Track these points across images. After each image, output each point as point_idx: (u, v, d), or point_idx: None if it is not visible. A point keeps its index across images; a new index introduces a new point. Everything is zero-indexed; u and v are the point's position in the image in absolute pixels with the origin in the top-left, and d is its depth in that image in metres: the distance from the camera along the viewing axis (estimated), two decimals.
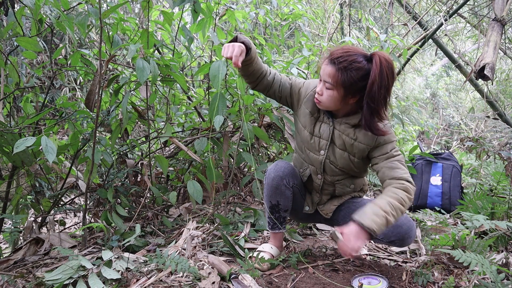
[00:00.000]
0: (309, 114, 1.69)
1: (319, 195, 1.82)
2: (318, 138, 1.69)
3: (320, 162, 1.71)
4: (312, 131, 1.70)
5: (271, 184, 1.75)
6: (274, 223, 1.82)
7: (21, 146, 1.62)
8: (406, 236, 1.61)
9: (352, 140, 1.63)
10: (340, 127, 1.65)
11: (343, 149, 1.66)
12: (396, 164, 1.57)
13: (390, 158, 1.59)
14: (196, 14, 2.29)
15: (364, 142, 1.61)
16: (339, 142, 1.65)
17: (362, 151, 1.63)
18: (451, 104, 9.64)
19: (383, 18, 5.34)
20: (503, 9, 2.63)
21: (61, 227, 2.59)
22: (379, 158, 1.61)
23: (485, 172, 4.23)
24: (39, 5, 1.99)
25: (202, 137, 2.38)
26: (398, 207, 1.46)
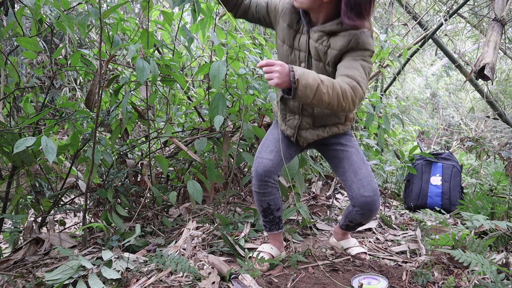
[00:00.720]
0: (287, 27, 1.65)
1: (299, 117, 1.75)
2: (298, 51, 1.64)
3: None
4: (291, 44, 1.65)
5: (257, 190, 1.74)
6: (271, 225, 1.83)
7: (21, 146, 1.62)
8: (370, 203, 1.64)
9: (325, 48, 1.56)
10: (314, 36, 1.58)
11: (318, 59, 1.60)
12: (356, 65, 1.48)
13: (354, 60, 1.49)
14: (196, 14, 2.29)
15: (337, 48, 1.53)
16: (314, 52, 1.59)
17: (335, 57, 1.55)
18: (451, 104, 9.63)
19: (383, 18, 5.34)
20: (503, 9, 2.63)
21: (61, 227, 2.59)
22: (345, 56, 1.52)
23: (485, 172, 4.23)
24: (39, 5, 1.99)
25: (202, 137, 2.38)
26: (336, 92, 1.36)
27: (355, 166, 1.69)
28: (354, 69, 1.47)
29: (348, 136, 1.80)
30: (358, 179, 1.66)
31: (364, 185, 1.65)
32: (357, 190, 1.65)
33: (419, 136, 8.16)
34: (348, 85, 1.41)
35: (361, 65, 1.49)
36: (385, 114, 3.42)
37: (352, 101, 1.42)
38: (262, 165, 1.70)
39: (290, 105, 1.75)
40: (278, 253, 1.86)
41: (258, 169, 1.70)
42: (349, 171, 1.70)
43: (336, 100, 1.38)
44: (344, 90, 1.39)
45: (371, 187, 1.65)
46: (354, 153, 1.73)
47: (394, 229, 2.49)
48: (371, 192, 1.65)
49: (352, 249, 1.97)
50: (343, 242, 2.03)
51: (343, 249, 2.00)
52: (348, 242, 2.01)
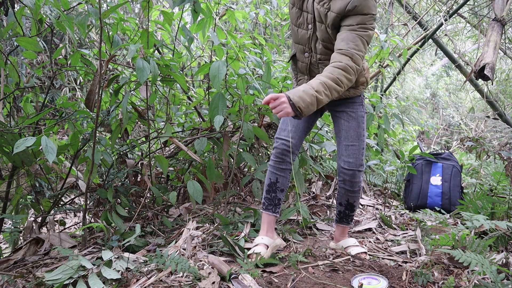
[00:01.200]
0: None
1: (308, 78, 1.86)
2: (306, 13, 1.73)
3: (308, 38, 1.75)
4: (301, 6, 1.74)
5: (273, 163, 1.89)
6: (269, 203, 1.92)
7: (21, 146, 1.62)
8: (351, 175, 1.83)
9: (325, 10, 1.64)
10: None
11: (320, 21, 1.68)
12: (352, 37, 1.57)
13: (351, 31, 1.58)
14: (196, 14, 2.29)
15: (336, 10, 1.61)
16: (316, 13, 1.68)
17: (334, 19, 1.63)
18: (451, 104, 9.64)
19: (383, 18, 5.34)
20: (503, 9, 2.63)
21: (61, 227, 2.59)
22: (344, 27, 1.61)
23: (485, 172, 4.23)
24: (39, 5, 1.99)
25: (202, 137, 2.38)
26: (332, 87, 1.53)
27: (348, 141, 1.85)
28: (350, 42, 1.57)
29: (356, 105, 1.87)
30: (347, 154, 1.84)
31: (350, 161, 1.84)
32: (343, 163, 1.85)
33: (419, 136, 8.16)
34: (340, 70, 1.55)
35: (358, 36, 1.57)
36: (385, 114, 3.42)
37: (347, 79, 1.57)
38: (283, 144, 1.85)
39: (299, 65, 1.86)
40: (271, 241, 1.89)
41: (278, 147, 1.86)
42: (342, 144, 1.86)
43: (336, 92, 1.55)
44: (337, 80, 1.54)
45: (355, 163, 1.84)
46: (353, 127, 1.85)
47: (394, 229, 2.49)
48: (354, 166, 1.84)
49: (352, 248, 1.97)
50: (342, 242, 2.03)
51: (343, 248, 2.00)
52: (347, 241, 2.02)
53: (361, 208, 2.98)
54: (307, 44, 1.78)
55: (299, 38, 1.79)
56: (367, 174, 3.74)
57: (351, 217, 2.00)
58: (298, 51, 1.84)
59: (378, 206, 3.08)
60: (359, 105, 1.88)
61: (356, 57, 1.57)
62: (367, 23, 1.59)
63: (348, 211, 1.97)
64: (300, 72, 1.90)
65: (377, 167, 4.00)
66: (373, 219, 2.66)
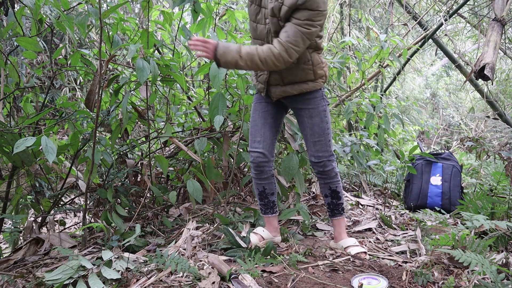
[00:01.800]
0: None
1: (267, 73, 1.91)
2: (264, 9, 1.79)
3: (266, 32, 1.81)
4: (260, 2, 1.80)
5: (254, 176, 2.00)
6: (266, 208, 2.05)
7: (21, 146, 1.62)
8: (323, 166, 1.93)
9: (280, 4, 1.70)
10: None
11: (273, 15, 1.74)
12: (294, 32, 1.67)
13: (296, 25, 1.67)
14: (196, 14, 2.29)
15: (287, 4, 1.67)
16: (269, 7, 1.75)
17: (286, 13, 1.69)
18: (451, 104, 9.64)
19: (383, 18, 5.34)
20: (503, 9, 2.63)
21: (61, 227, 2.59)
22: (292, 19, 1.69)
23: (485, 172, 4.23)
24: (39, 5, 1.99)
25: (202, 137, 2.38)
26: (256, 63, 1.68)
27: (315, 137, 1.91)
28: (291, 36, 1.67)
29: (317, 100, 1.92)
30: (316, 149, 1.92)
31: (319, 155, 1.92)
32: (313, 158, 1.93)
33: (419, 136, 8.16)
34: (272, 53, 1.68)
35: (299, 32, 1.67)
36: (385, 114, 3.42)
37: (274, 65, 1.70)
38: (256, 158, 1.96)
39: None
40: (270, 236, 2.03)
41: (253, 161, 1.97)
42: (310, 140, 1.93)
43: (255, 67, 1.71)
44: (265, 59, 1.68)
45: (324, 155, 1.92)
46: (316, 123, 1.91)
47: (394, 229, 2.49)
48: (324, 158, 1.92)
49: (352, 248, 1.96)
50: (342, 241, 2.03)
51: (342, 248, 2.00)
52: (347, 241, 2.01)
53: (361, 208, 2.98)
54: (265, 39, 1.84)
55: (257, 33, 1.86)
56: (367, 174, 3.75)
57: (341, 205, 2.02)
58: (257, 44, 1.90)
59: (378, 206, 3.08)
60: (320, 100, 1.93)
61: (290, 52, 1.68)
62: (314, 19, 1.66)
63: (336, 200, 2.00)
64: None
65: (377, 167, 4.00)
66: (373, 219, 2.66)
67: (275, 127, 2.00)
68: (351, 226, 2.51)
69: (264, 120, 1.98)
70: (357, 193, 3.35)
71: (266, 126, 1.97)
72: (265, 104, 1.99)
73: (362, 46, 4.74)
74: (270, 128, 1.98)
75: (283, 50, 1.68)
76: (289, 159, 2.21)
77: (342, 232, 2.05)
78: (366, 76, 3.79)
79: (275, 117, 2.00)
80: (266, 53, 1.68)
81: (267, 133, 1.97)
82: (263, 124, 1.97)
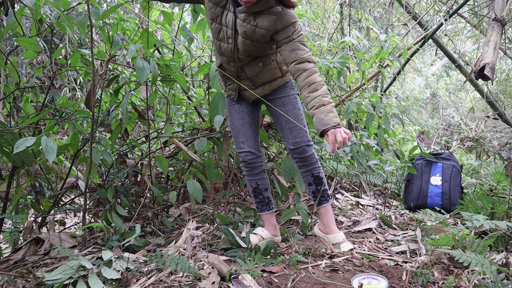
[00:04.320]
0: (214, 6, 1.80)
1: (237, 79, 1.94)
2: (226, 28, 1.80)
3: (230, 51, 1.83)
4: (220, 21, 1.81)
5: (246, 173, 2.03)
6: (262, 205, 2.06)
7: (21, 146, 1.62)
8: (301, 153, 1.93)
9: (253, 27, 1.73)
10: (241, 16, 1.74)
11: (245, 37, 1.76)
12: (297, 46, 1.73)
13: (291, 42, 1.73)
14: (196, 14, 2.29)
15: (264, 27, 1.72)
16: (241, 30, 1.76)
17: (263, 36, 1.75)
18: (451, 104, 9.64)
19: (383, 18, 5.34)
20: (503, 9, 2.63)
21: (61, 227, 2.59)
22: (281, 42, 1.75)
23: (485, 172, 4.23)
24: (39, 5, 1.99)
25: (202, 137, 2.38)
26: (325, 91, 1.71)
27: (290, 123, 1.93)
28: (297, 51, 1.73)
29: (287, 89, 1.97)
30: (293, 136, 1.94)
31: (297, 140, 1.93)
32: (291, 145, 1.94)
33: (419, 136, 8.16)
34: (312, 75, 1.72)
35: (298, 42, 1.74)
36: (385, 114, 3.42)
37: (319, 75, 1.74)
38: (244, 157, 2.00)
39: (227, 72, 1.94)
40: (270, 235, 2.04)
41: (243, 160, 2.02)
42: (285, 128, 1.95)
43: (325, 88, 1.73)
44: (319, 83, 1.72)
45: (302, 141, 1.93)
46: (290, 109, 1.94)
47: (394, 229, 2.49)
48: (303, 143, 1.93)
49: (342, 245, 1.96)
50: (331, 236, 2.00)
51: (330, 243, 1.99)
52: (336, 237, 1.99)
53: (361, 208, 2.98)
54: (231, 56, 1.86)
55: (222, 51, 1.87)
56: (367, 174, 3.75)
57: (326, 191, 2.01)
58: (223, 62, 1.92)
59: (378, 206, 3.08)
60: (290, 89, 1.98)
61: (310, 58, 1.74)
62: (297, 28, 1.74)
63: (320, 186, 1.99)
64: (228, 78, 1.98)
65: (377, 167, 4.00)
66: (373, 219, 2.66)
67: (254, 123, 2.04)
68: (351, 226, 2.51)
69: (241, 120, 2.01)
70: (357, 193, 3.34)
71: (245, 125, 2.01)
72: (238, 106, 2.03)
73: (362, 46, 4.74)
74: (250, 126, 2.02)
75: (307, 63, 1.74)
76: (289, 159, 2.21)
77: (330, 222, 2.02)
78: (366, 76, 3.79)
79: (251, 114, 2.03)
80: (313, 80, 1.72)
81: (248, 132, 2.01)
82: (242, 124, 2.01)
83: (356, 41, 3.79)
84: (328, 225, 2.02)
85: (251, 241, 1.96)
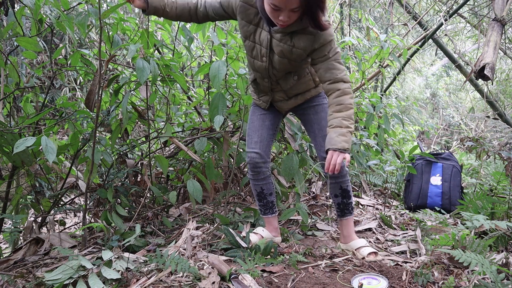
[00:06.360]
0: (247, 24, 1.77)
1: (271, 94, 1.94)
2: (260, 46, 1.78)
3: (264, 68, 1.82)
4: (253, 39, 1.78)
5: (251, 177, 2.00)
6: (265, 209, 2.06)
7: (21, 146, 1.62)
8: None
9: (290, 47, 1.72)
10: (277, 36, 1.72)
11: (282, 56, 1.75)
12: (332, 65, 1.71)
13: (327, 60, 1.71)
14: None
15: (302, 47, 1.71)
16: (278, 50, 1.74)
17: (300, 55, 1.74)
18: (451, 104, 9.64)
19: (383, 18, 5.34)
20: (503, 9, 2.63)
21: (61, 227, 2.59)
22: (317, 60, 1.73)
23: (485, 172, 4.23)
24: (39, 5, 1.99)
25: (202, 137, 2.38)
26: (350, 115, 1.68)
27: (324, 131, 1.88)
28: (333, 70, 1.70)
29: (320, 98, 1.97)
30: None
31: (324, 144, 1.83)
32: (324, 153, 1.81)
33: (419, 136, 8.15)
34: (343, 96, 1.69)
35: (334, 61, 1.71)
36: (385, 114, 3.42)
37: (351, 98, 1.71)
38: (252, 158, 1.95)
39: (261, 87, 1.93)
40: (270, 235, 2.04)
41: (250, 162, 1.97)
42: (319, 136, 1.92)
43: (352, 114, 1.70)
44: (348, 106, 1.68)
45: None
46: (324, 117, 1.92)
47: (394, 229, 2.49)
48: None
49: (363, 249, 1.94)
50: (353, 243, 1.99)
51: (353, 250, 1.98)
52: (357, 242, 1.98)
53: (361, 208, 2.97)
54: (265, 73, 1.85)
55: (256, 67, 1.86)
56: (367, 174, 3.74)
57: (351, 204, 2.01)
58: (257, 77, 1.91)
59: (378, 206, 3.08)
60: (323, 98, 1.97)
61: (344, 77, 1.71)
62: (334, 45, 1.72)
63: (346, 199, 1.98)
64: (262, 92, 1.97)
65: (377, 167, 4.00)
66: (373, 219, 2.66)
67: (272, 129, 2.01)
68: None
69: (262, 122, 1.99)
70: (357, 193, 3.34)
71: (263, 128, 1.99)
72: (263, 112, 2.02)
73: (362, 46, 4.74)
74: (268, 130, 1.99)
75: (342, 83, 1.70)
76: (289, 159, 2.21)
77: (351, 233, 2.03)
78: (366, 76, 3.79)
79: (273, 121, 2.01)
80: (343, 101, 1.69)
81: (264, 135, 1.98)
82: (261, 125, 1.99)
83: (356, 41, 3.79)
84: (349, 236, 2.03)
85: (251, 241, 1.96)
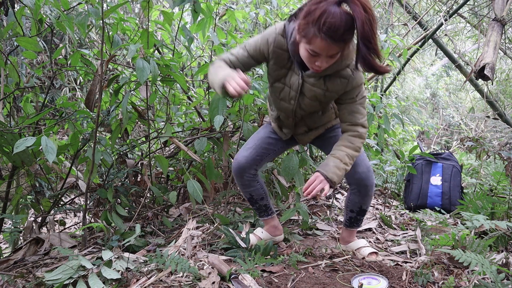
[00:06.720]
0: (279, 68, 1.71)
1: (294, 129, 1.92)
2: (289, 89, 1.73)
3: (291, 110, 1.80)
4: (284, 82, 1.74)
5: (238, 184, 1.95)
6: (260, 212, 2.03)
7: (21, 146, 1.62)
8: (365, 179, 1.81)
9: (323, 91, 1.68)
10: (310, 80, 1.67)
11: (314, 99, 1.72)
12: (357, 108, 1.70)
13: (353, 103, 1.69)
14: (196, 14, 2.29)
15: (335, 90, 1.68)
16: (310, 94, 1.70)
17: (333, 98, 1.72)
18: (451, 104, 9.64)
19: (383, 18, 5.34)
20: (503, 9, 2.63)
21: (61, 227, 2.59)
22: (344, 101, 1.71)
23: (485, 172, 4.23)
24: (39, 5, 1.99)
25: (202, 137, 2.38)
26: (353, 156, 1.67)
27: None
28: (356, 114, 1.70)
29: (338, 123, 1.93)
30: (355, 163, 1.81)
31: (358, 163, 1.80)
32: (352, 168, 1.79)
33: (419, 136, 8.16)
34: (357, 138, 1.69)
35: (359, 105, 1.70)
36: (385, 114, 3.42)
37: (362, 143, 1.71)
38: (237, 162, 1.88)
39: (285, 123, 1.90)
40: (269, 236, 2.04)
41: (234, 167, 1.90)
42: None
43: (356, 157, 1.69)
44: (357, 148, 1.68)
45: (364, 164, 1.82)
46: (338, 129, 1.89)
47: (394, 229, 2.49)
48: (365, 169, 1.81)
49: (364, 249, 1.95)
50: (353, 243, 2.01)
51: (353, 251, 1.99)
52: (358, 242, 2.00)
53: None
54: (290, 113, 1.82)
55: (282, 108, 1.82)
56: None
57: (362, 220, 1.99)
58: (281, 116, 1.88)
59: (378, 206, 3.08)
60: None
61: (364, 123, 1.71)
62: (362, 89, 1.70)
63: (360, 216, 1.96)
64: (285, 126, 1.93)
65: (377, 167, 4.00)
66: (373, 219, 2.66)
67: (273, 151, 1.96)
68: None
69: (268, 139, 1.94)
70: None
71: (266, 144, 1.93)
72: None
73: None
74: (268, 147, 1.94)
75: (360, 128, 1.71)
76: (289, 159, 2.21)
77: (352, 238, 2.04)
78: (366, 76, 3.79)
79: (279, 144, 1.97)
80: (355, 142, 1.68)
81: (262, 147, 1.91)
82: (265, 141, 1.93)
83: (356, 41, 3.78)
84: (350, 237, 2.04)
85: (251, 241, 1.96)
